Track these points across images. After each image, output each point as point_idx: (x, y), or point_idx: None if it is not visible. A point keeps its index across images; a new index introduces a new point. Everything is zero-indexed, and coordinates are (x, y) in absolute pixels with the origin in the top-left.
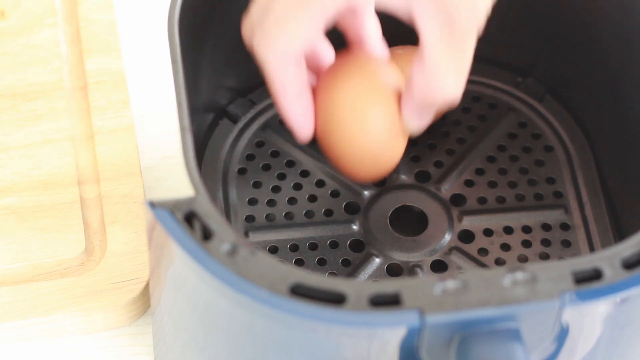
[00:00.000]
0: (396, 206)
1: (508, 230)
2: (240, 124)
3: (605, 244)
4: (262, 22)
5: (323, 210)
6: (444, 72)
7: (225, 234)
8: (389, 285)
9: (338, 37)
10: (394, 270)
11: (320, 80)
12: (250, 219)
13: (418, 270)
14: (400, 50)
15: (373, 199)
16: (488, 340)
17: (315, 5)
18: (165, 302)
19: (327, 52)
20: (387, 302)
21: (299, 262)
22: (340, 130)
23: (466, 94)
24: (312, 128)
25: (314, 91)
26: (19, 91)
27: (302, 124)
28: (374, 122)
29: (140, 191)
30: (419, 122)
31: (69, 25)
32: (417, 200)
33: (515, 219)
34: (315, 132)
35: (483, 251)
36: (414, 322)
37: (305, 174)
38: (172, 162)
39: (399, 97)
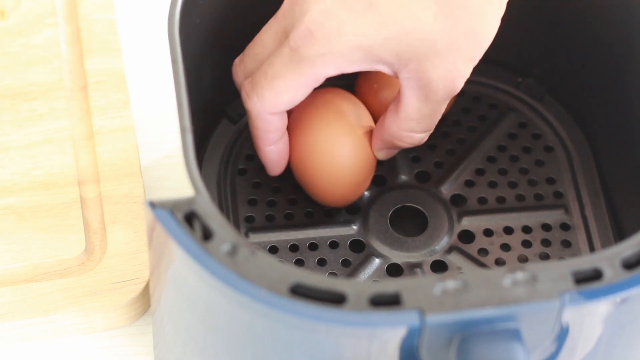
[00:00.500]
0: (396, 206)
1: (508, 230)
2: (240, 124)
3: (605, 244)
4: (256, 75)
5: (323, 210)
6: (413, 129)
7: (225, 234)
8: (389, 285)
9: None
10: (394, 270)
11: (294, 114)
12: (250, 219)
13: (418, 270)
14: (376, 85)
15: (373, 199)
16: (488, 340)
17: (307, 72)
18: (166, 302)
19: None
20: (387, 302)
21: (299, 263)
22: (315, 161)
23: (466, 94)
24: (284, 166)
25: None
26: (19, 91)
27: (276, 163)
28: (344, 153)
29: (140, 191)
30: (386, 154)
31: (69, 25)
32: (417, 200)
33: (516, 219)
34: (290, 162)
35: (483, 251)
36: (414, 322)
37: None
38: (172, 162)
39: (365, 129)
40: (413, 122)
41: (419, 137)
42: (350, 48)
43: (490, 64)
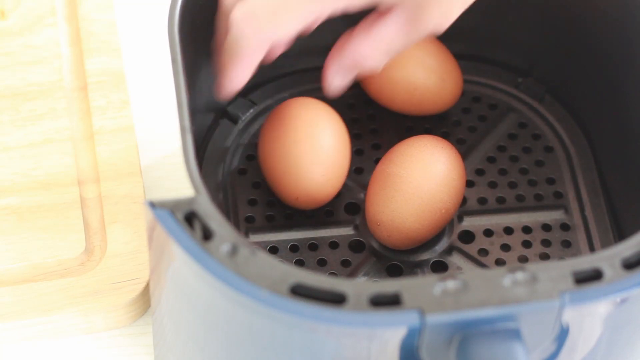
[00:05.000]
0: None
1: (508, 230)
2: (240, 124)
3: (605, 244)
4: (256, 4)
5: (323, 210)
6: (381, 50)
7: (225, 234)
8: (389, 285)
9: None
10: (394, 270)
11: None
12: (250, 219)
13: (418, 270)
14: None
15: None
16: (488, 340)
17: (316, 8)
18: (166, 302)
19: None
20: (387, 302)
21: (299, 263)
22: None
23: (466, 94)
24: (239, 87)
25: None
26: (19, 91)
27: (235, 81)
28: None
29: (140, 191)
30: (340, 81)
31: (69, 25)
32: None
33: (516, 220)
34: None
35: (483, 251)
36: (414, 322)
37: None
38: (172, 162)
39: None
40: (383, 44)
41: (381, 59)
42: None
43: (490, 64)
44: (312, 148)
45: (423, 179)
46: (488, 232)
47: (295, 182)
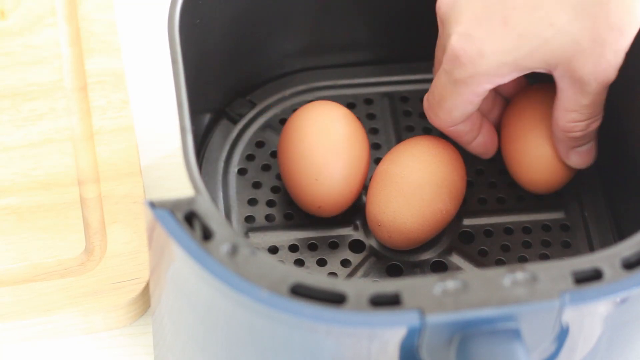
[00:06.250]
0: None
1: (508, 230)
2: (240, 124)
3: (605, 244)
4: (429, 96)
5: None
6: (576, 119)
7: (225, 234)
8: (389, 285)
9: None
10: (394, 270)
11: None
12: (250, 219)
13: (418, 270)
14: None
15: None
16: (488, 340)
17: (465, 92)
18: (165, 302)
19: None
20: (387, 302)
21: (299, 263)
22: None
23: None
24: (494, 151)
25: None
26: (19, 91)
27: (484, 153)
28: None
29: (140, 191)
30: (578, 159)
31: (69, 25)
32: None
33: (516, 220)
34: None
35: (483, 252)
36: (414, 322)
37: None
38: (172, 162)
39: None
40: (574, 113)
41: (584, 124)
42: (495, 66)
43: None
44: (331, 155)
45: (424, 179)
46: (488, 232)
47: (316, 191)
